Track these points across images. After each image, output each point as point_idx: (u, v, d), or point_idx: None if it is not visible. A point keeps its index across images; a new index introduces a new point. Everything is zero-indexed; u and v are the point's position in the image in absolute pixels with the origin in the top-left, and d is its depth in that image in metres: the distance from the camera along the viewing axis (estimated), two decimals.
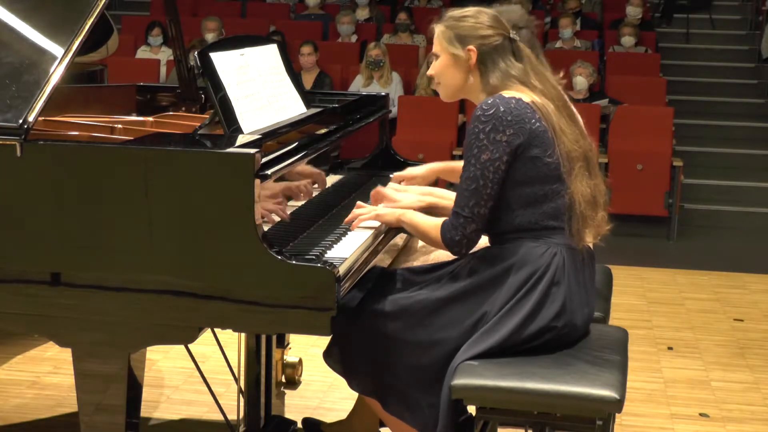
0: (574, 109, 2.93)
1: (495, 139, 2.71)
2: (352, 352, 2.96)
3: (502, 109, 2.72)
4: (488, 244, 2.88)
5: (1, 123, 2.66)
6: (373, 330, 2.88)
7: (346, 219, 3.00)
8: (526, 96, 2.78)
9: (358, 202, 3.06)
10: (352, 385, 3.02)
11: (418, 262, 3.16)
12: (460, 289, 2.81)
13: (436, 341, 2.80)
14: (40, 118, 2.78)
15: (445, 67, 2.91)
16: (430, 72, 2.97)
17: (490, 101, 2.74)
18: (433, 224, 2.84)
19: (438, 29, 2.92)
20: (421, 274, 2.98)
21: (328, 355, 3.04)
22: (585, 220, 2.80)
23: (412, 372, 2.84)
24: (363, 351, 2.92)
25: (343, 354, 2.99)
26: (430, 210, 3.07)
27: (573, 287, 2.78)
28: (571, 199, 2.77)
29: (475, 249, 2.86)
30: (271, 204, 2.71)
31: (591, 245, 2.95)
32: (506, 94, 2.77)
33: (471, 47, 2.84)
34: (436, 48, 2.93)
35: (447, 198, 3.10)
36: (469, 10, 2.90)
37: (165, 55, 9.43)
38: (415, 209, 3.02)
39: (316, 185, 3.11)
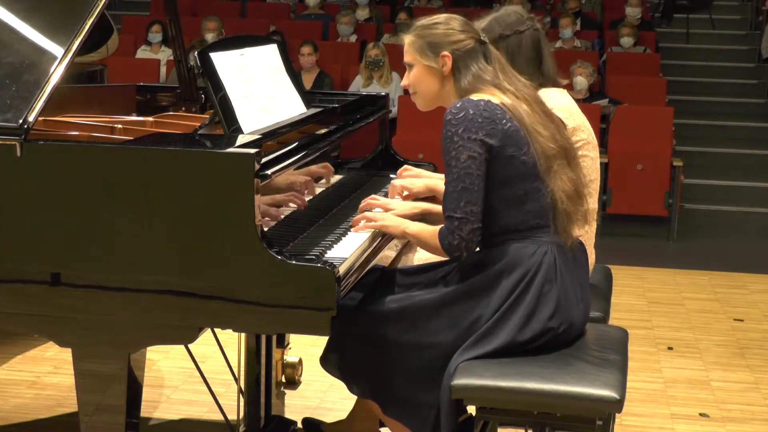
0: (546, 105, 2.90)
1: (470, 138, 2.70)
2: (350, 357, 2.96)
3: (471, 111, 2.71)
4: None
5: (1, 123, 2.66)
6: (369, 334, 2.88)
7: (354, 220, 2.99)
8: (495, 98, 2.77)
9: (366, 211, 3.04)
10: (352, 389, 3.02)
11: (415, 262, 3.16)
12: (453, 293, 2.81)
13: (431, 344, 2.80)
14: (40, 118, 2.78)
15: (419, 77, 2.91)
16: (404, 83, 2.98)
17: (458, 105, 2.74)
18: (431, 232, 2.82)
19: (408, 39, 2.92)
20: (415, 274, 2.97)
21: (326, 361, 3.04)
22: (569, 216, 2.79)
23: (409, 375, 2.84)
24: (360, 355, 2.93)
25: (340, 359, 2.99)
26: (424, 217, 3.05)
27: (566, 285, 2.78)
28: (553, 198, 2.77)
29: None
30: (284, 196, 2.72)
31: (585, 242, 2.94)
32: (474, 97, 2.77)
33: (445, 53, 2.85)
34: (407, 58, 2.93)
35: (438, 206, 3.08)
36: (439, 17, 2.91)
37: (165, 55, 9.43)
38: (408, 216, 3.00)
39: (323, 180, 3.10)
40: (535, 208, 2.77)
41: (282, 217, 2.80)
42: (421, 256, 3.17)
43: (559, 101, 3.21)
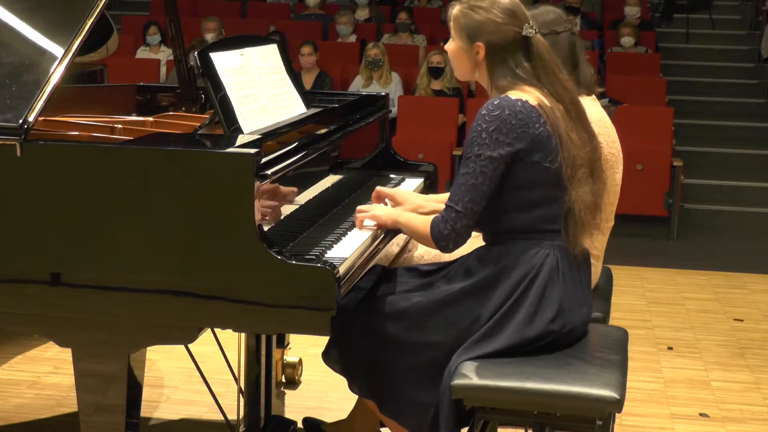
0: (584, 110, 2.87)
1: (497, 139, 2.69)
2: (350, 354, 2.96)
3: (507, 112, 2.69)
4: (480, 243, 2.87)
5: (1, 123, 2.66)
6: (370, 332, 2.88)
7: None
8: (533, 98, 2.74)
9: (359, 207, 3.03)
10: (352, 386, 3.02)
11: (416, 261, 3.16)
12: (455, 291, 2.80)
13: (432, 343, 2.80)
14: (40, 118, 2.78)
15: (455, 53, 2.88)
16: (446, 46, 2.93)
17: (496, 102, 2.71)
18: (423, 220, 2.83)
19: (453, 11, 2.86)
20: (419, 274, 2.97)
21: (327, 356, 3.04)
22: (583, 226, 2.78)
23: (408, 374, 2.84)
24: (360, 353, 2.92)
25: (341, 355, 2.99)
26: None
27: (568, 287, 2.78)
28: (571, 205, 2.76)
29: (468, 248, 2.86)
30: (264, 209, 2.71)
31: (590, 249, 2.94)
32: (513, 95, 2.74)
33: (479, 44, 2.80)
34: (451, 30, 2.88)
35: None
36: (486, 1, 2.80)
37: (165, 55, 9.43)
38: (418, 210, 3.00)
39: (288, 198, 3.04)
40: (548, 214, 2.77)
41: (282, 217, 2.80)
42: (421, 255, 3.17)
43: (593, 114, 3.09)
